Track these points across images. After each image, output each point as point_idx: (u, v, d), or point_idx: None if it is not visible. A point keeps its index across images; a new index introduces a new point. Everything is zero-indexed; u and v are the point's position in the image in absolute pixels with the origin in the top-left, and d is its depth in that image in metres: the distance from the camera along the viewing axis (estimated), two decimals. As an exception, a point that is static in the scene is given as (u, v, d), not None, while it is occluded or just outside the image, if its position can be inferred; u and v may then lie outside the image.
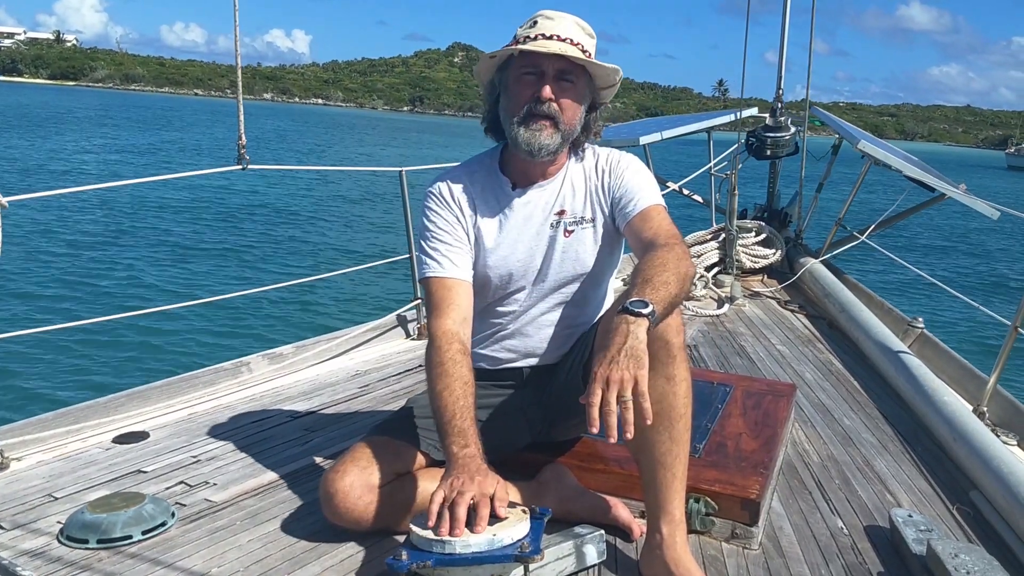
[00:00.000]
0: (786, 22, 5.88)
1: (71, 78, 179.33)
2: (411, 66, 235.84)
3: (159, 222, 14.95)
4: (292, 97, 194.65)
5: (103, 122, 49.51)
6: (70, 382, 6.70)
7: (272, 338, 7.46)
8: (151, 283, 10.35)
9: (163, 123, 55.86)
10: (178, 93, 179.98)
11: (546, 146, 1.89)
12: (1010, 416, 2.96)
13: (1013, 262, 18.74)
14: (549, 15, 1.90)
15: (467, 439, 1.63)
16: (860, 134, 5.92)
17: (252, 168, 2.97)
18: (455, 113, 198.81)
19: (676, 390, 1.67)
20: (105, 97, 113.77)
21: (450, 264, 1.93)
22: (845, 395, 3.26)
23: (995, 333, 9.21)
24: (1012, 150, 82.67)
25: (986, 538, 2.12)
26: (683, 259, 1.69)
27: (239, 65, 2.87)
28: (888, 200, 5.78)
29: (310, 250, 13.83)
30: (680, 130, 6.32)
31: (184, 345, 7.87)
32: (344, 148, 43.61)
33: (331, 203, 20.32)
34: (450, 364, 1.75)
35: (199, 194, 18.97)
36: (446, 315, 1.85)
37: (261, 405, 2.79)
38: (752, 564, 1.88)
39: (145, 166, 26.04)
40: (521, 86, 1.88)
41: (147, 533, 1.84)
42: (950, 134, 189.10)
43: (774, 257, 5.47)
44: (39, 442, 2.34)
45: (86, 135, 37.72)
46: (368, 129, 77.02)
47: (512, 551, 1.51)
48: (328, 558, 1.78)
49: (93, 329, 7.49)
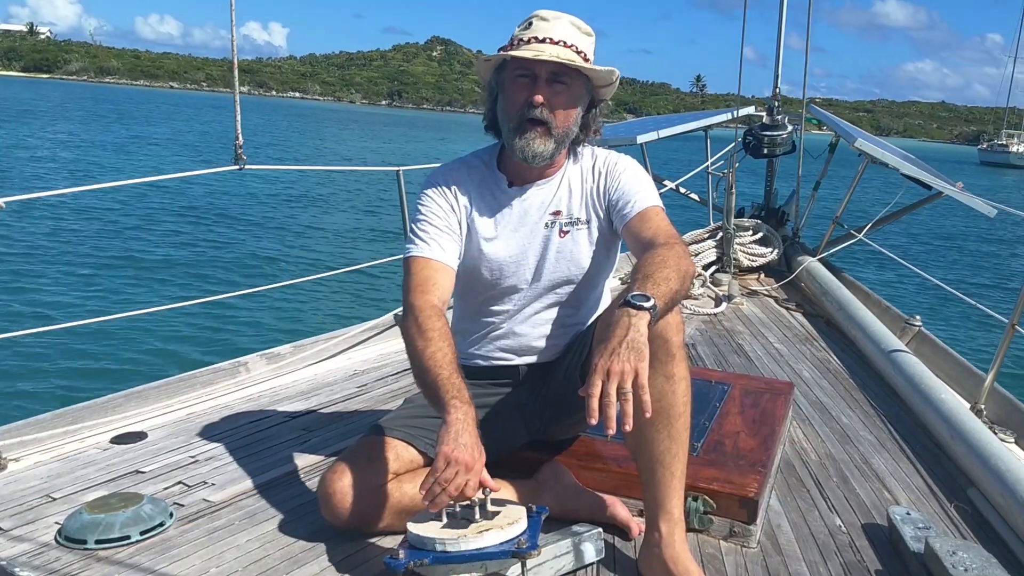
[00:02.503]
0: (783, 18, 5.90)
1: (44, 70, 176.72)
2: (389, 60, 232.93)
3: (156, 221, 14.92)
4: (269, 91, 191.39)
5: (70, 116, 48.66)
6: (68, 382, 6.68)
7: (270, 338, 7.44)
8: (148, 283, 10.33)
9: (144, 117, 55.39)
10: (153, 86, 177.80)
11: (540, 154, 1.90)
12: (1008, 414, 2.97)
13: (1010, 259, 18.78)
14: (544, 15, 1.89)
15: (464, 395, 1.62)
16: (857, 132, 5.93)
17: (249, 168, 2.98)
18: (434, 107, 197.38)
19: (675, 388, 1.67)
20: (79, 90, 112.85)
21: (437, 247, 1.92)
22: (843, 393, 3.27)
23: (993, 331, 9.23)
24: (985, 146, 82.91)
25: (984, 535, 2.12)
26: (683, 257, 1.69)
27: (236, 66, 2.88)
28: (885, 198, 5.79)
29: (308, 250, 13.82)
30: (677, 129, 6.33)
31: (182, 345, 7.85)
32: (338, 145, 43.34)
33: (328, 202, 20.31)
34: (440, 330, 1.74)
35: (195, 193, 18.95)
36: (429, 292, 1.84)
37: (259, 405, 2.79)
38: (750, 562, 1.88)
39: (129, 161, 25.89)
40: (515, 89, 1.88)
41: (145, 533, 1.84)
42: (925, 130, 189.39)
43: (771, 255, 5.48)
44: (37, 442, 2.34)
45: (63, 128, 37.25)
46: (350, 123, 76.31)
47: (509, 548, 1.51)
48: (326, 558, 1.78)
49: (91, 329, 7.48)
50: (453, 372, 1.67)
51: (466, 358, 2.09)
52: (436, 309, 1.80)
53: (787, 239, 5.78)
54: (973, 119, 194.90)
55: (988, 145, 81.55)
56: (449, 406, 1.59)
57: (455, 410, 1.58)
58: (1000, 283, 14.91)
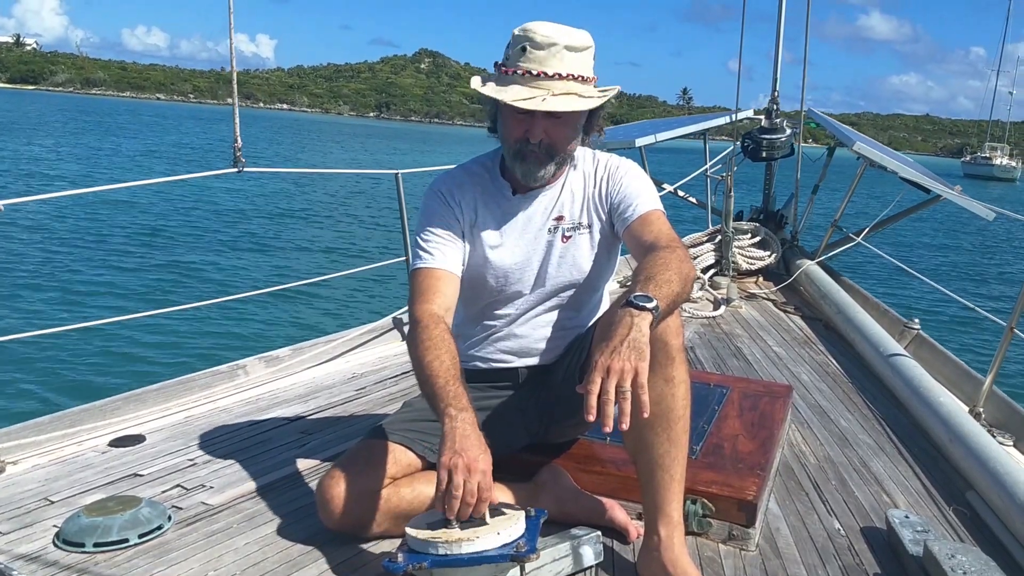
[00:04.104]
0: (782, 20, 5.91)
1: (31, 82, 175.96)
2: (377, 72, 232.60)
3: (154, 225, 14.93)
4: (257, 102, 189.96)
5: (51, 128, 48.26)
6: (66, 385, 6.67)
7: (268, 341, 7.44)
8: (146, 286, 10.33)
9: (133, 127, 55.23)
10: (140, 98, 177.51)
11: (541, 177, 1.92)
12: (1006, 417, 2.97)
13: (1008, 263, 18.79)
14: (538, 39, 1.79)
15: (461, 401, 1.61)
16: (856, 136, 5.94)
17: (248, 171, 2.98)
18: (421, 119, 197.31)
19: (675, 392, 1.67)
20: (65, 101, 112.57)
21: (440, 256, 1.93)
22: (842, 396, 3.27)
23: (991, 334, 9.23)
24: (968, 158, 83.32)
25: (982, 539, 2.12)
26: (685, 261, 1.70)
27: (234, 70, 2.88)
28: (883, 201, 5.80)
29: (306, 253, 13.82)
30: (676, 132, 6.34)
31: (180, 348, 7.85)
32: (323, 157, 43.17)
33: (327, 206, 20.32)
34: (438, 339, 1.74)
35: (194, 196, 18.95)
36: (431, 301, 1.85)
37: (257, 408, 2.79)
38: (749, 565, 1.88)
39: (122, 168, 25.90)
40: (511, 124, 1.86)
41: (143, 537, 1.83)
42: (909, 142, 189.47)
43: (770, 259, 5.49)
44: (35, 446, 2.34)
45: (48, 140, 37.13)
46: (339, 136, 75.85)
47: (508, 551, 1.51)
48: (324, 561, 1.78)
49: (89, 332, 7.48)
50: (450, 380, 1.65)
51: (466, 360, 2.09)
52: (435, 317, 1.81)
53: (786, 242, 5.79)
54: (957, 132, 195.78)
55: (971, 158, 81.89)
56: (444, 415, 1.59)
57: (450, 419, 1.57)
58: (999, 286, 14.92)
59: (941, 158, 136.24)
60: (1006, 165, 76.36)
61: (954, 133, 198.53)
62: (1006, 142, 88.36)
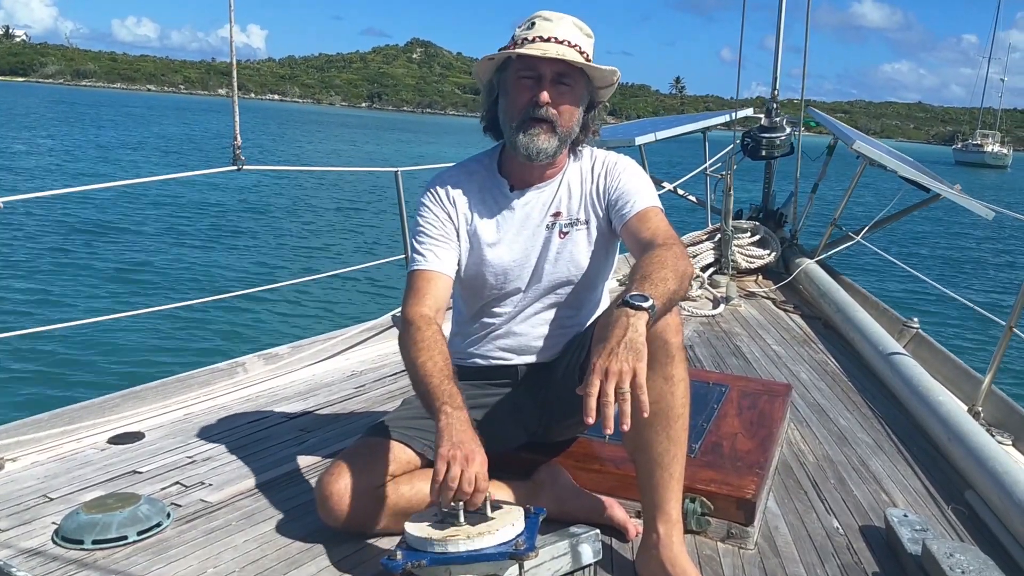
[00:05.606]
0: (781, 23, 5.90)
1: (20, 74, 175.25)
2: (369, 62, 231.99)
3: (152, 222, 14.91)
4: (248, 93, 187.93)
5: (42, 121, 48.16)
6: (65, 383, 6.67)
7: (268, 339, 7.44)
8: (145, 283, 10.32)
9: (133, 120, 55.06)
10: (130, 89, 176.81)
11: (544, 150, 1.90)
12: (1005, 416, 2.97)
13: (1008, 262, 18.79)
14: (547, 16, 1.90)
15: (456, 400, 1.63)
16: (855, 134, 5.93)
17: (247, 168, 2.98)
18: (414, 109, 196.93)
19: (674, 390, 1.67)
20: (56, 93, 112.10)
21: (434, 257, 1.95)
22: (840, 395, 3.27)
23: (991, 333, 9.23)
24: (959, 146, 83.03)
25: (981, 538, 2.12)
26: (682, 258, 1.70)
27: (234, 66, 2.88)
28: (883, 199, 5.79)
29: (306, 250, 13.81)
30: (675, 130, 6.34)
31: (179, 345, 7.85)
32: (317, 146, 43.11)
33: (326, 203, 20.30)
34: (431, 340, 1.76)
35: (193, 194, 18.93)
36: (422, 302, 1.87)
37: (257, 406, 2.79)
38: (748, 564, 1.88)
39: (119, 162, 25.84)
40: (519, 90, 1.89)
41: (142, 534, 1.83)
42: (902, 130, 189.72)
43: (770, 257, 5.49)
44: (34, 443, 2.34)
45: (42, 132, 37.00)
46: (331, 126, 75.48)
47: (507, 549, 1.51)
48: (324, 558, 1.78)
49: (88, 330, 7.47)
50: (443, 379, 1.67)
51: (465, 358, 2.10)
52: (426, 319, 1.83)
53: (785, 241, 5.79)
54: (949, 119, 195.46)
55: (963, 145, 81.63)
56: (439, 413, 1.60)
57: (445, 416, 1.59)
58: (998, 285, 14.92)
59: (933, 145, 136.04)
60: (997, 152, 76.14)
61: (946, 120, 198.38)
62: (997, 129, 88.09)
